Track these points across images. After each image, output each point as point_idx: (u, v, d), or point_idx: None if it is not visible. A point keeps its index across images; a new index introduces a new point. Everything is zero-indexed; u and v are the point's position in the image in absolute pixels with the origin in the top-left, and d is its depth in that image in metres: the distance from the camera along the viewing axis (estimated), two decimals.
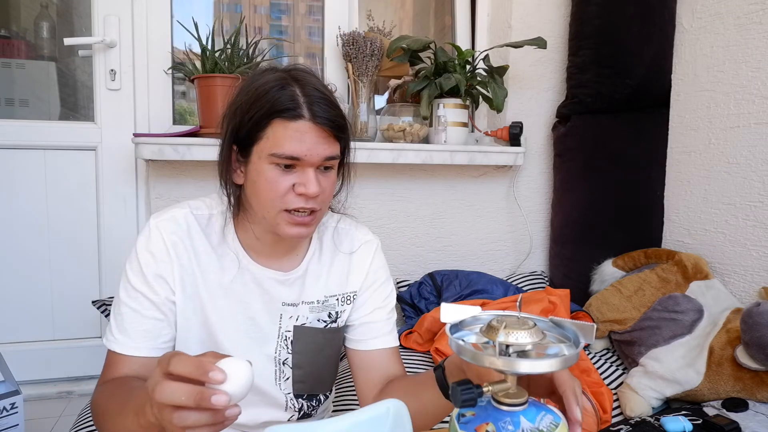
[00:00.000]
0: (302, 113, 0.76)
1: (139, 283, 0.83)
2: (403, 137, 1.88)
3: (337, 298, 0.93)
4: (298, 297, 0.90)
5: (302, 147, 0.76)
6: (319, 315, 0.91)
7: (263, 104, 0.77)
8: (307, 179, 0.78)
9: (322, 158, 0.78)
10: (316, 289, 0.91)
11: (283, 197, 0.78)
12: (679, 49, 1.82)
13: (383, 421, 0.80)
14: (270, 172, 0.78)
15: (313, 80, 0.80)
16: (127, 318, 0.82)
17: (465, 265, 2.05)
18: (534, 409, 0.56)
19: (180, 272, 0.84)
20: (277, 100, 0.76)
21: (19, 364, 1.66)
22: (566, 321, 0.59)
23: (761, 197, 1.54)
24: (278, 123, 0.76)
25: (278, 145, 0.76)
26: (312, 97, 0.77)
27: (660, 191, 1.89)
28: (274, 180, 0.78)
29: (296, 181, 0.78)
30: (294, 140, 0.76)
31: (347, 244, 0.95)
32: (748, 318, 1.26)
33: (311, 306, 0.91)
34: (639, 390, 1.40)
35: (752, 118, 1.57)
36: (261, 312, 0.88)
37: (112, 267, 1.82)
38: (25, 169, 1.73)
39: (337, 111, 0.80)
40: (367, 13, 2.10)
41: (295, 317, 0.90)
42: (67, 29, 1.87)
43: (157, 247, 0.83)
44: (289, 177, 0.78)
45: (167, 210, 0.87)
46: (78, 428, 1.21)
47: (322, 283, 0.92)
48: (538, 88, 2.06)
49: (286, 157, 0.76)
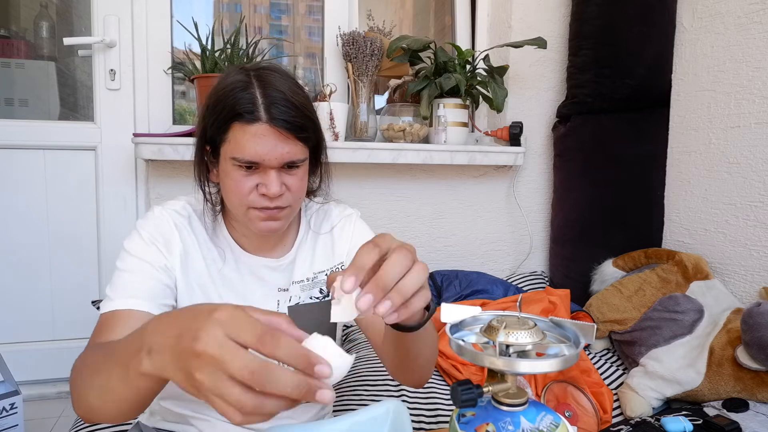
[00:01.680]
0: (260, 116, 0.76)
1: (140, 250, 0.82)
2: (403, 137, 1.88)
3: (326, 273, 0.94)
4: (289, 279, 0.92)
5: (260, 150, 0.77)
6: (311, 292, 0.93)
7: (225, 106, 0.78)
8: (268, 180, 0.78)
9: (281, 161, 0.79)
10: (303, 269, 0.93)
11: (247, 197, 0.80)
12: (680, 49, 1.82)
13: (383, 421, 0.80)
14: (234, 173, 0.79)
15: (277, 80, 0.80)
16: (125, 281, 0.80)
17: (465, 265, 2.05)
18: (534, 409, 0.56)
19: (183, 253, 0.84)
20: (237, 102, 0.77)
21: (19, 364, 1.66)
22: (566, 321, 0.59)
23: (762, 197, 1.54)
24: (237, 126, 0.77)
25: (238, 149, 0.77)
26: (271, 98, 0.77)
27: (660, 191, 1.89)
28: (238, 181, 0.79)
29: (259, 181, 0.79)
30: (252, 144, 0.76)
31: (327, 224, 0.97)
32: (749, 318, 1.26)
33: (301, 285, 0.92)
34: (639, 390, 1.40)
35: (753, 117, 1.56)
36: (260, 300, 0.89)
37: (112, 267, 1.79)
38: (24, 169, 1.73)
39: (299, 111, 0.79)
40: (367, 13, 2.10)
41: (287, 299, 0.91)
42: (66, 29, 1.87)
43: (162, 223, 0.84)
44: (252, 178, 0.79)
45: (166, 202, 0.89)
46: (78, 428, 1.21)
47: (308, 262, 0.94)
48: (538, 88, 2.06)
49: (245, 161, 0.77)
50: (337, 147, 1.77)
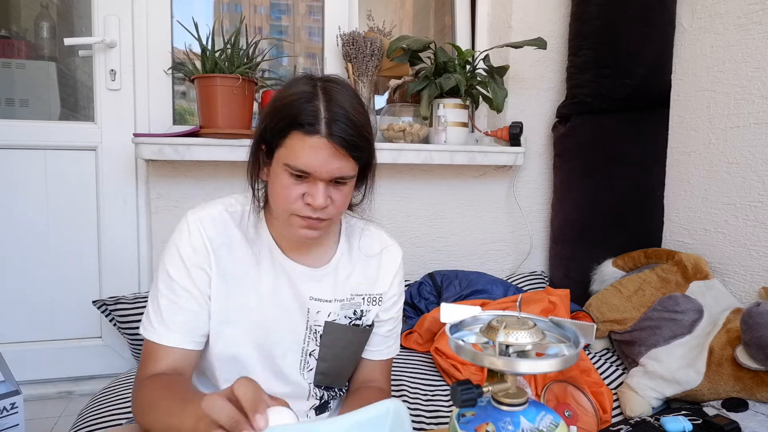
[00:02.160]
0: (319, 129, 0.78)
1: (180, 276, 0.87)
2: (403, 137, 1.88)
3: (363, 298, 0.97)
4: (330, 294, 0.94)
5: (314, 162, 0.79)
6: (347, 312, 0.96)
7: (287, 114, 0.80)
8: (316, 192, 0.81)
9: (332, 176, 0.81)
10: (345, 287, 0.95)
11: (293, 203, 0.82)
12: (679, 49, 1.82)
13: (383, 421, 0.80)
14: (284, 178, 0.81)
15: (341, 96, 0.82)
16: (165, 309, 0.86)
17: (465, 265, 2.05)
18: (534, 409, 0.56)
19: (217, 264, 0.88)
20: (301, 112, 0.79)
21: (19, 364, 1.66)
22: (566, 321, 0.60)
23: (761, 197, 1.54)
24: (296, 135, 0.79)
25: (293, 157, 0.79)
26: (334, 113, 0.79)
27: (660, 191, 1.89)
28: (286, 186, 0.81)
29: (306, 191, 0.81)
30: (307, 155, 0.79)
31: (376, 247, 0.99)
32: (748, 318, 1.26)
33: (342, 303, 0.95)
34: (639, 390, 1.40)
35: (752, 118, 1.57)
36: (291, 303, 0.92)
37: (112, 267, 1.82)
38: (25, 169, 1.73)
39: (357, 130, 0.81)
40: (367, 13, 2.11)
41: (325, 313, 0.94)
42: (67, 29, 1.87)
43: (198, 241, 0.87)
44: (300, 186, 0.81)
45: (203, 207, 0.91)
46: (78, 428, 1.21)
47: (351, 281, 0.96)
48: (538, 88, 2.06)
49: (298, 169, 0.80)
50: None
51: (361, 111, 0.83)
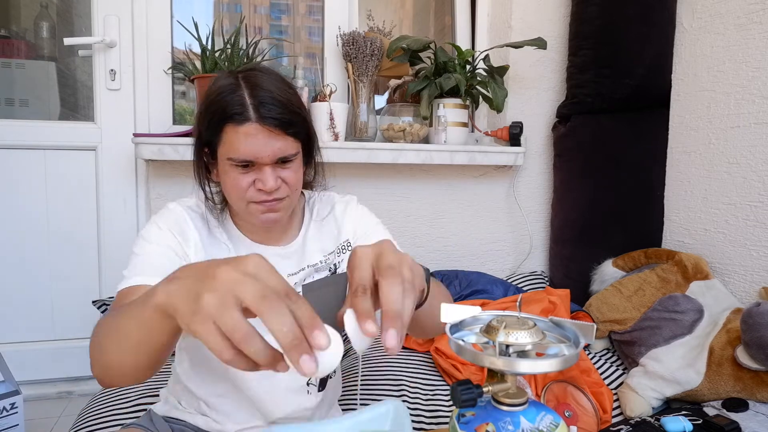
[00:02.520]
0: (249, 116, 0.80)
1: (156, 236, 0.86)
2: (403, 137, 1.88)
3: (335, 253, 0.99)
4: (300, 264, 0.95)
5: (253, 149, 0.81)
6: (322, 274, 0.97)
7: (216, 110, 0.83)
8: (264, 176, 0.83)
9: (274, 156, 0.83)
10: (315, 254, 0.97)
11: (246, 193, 0.85)
12: (679, 49, 1.82)
13: (383, 421, 0.80)
14: (231, 172, 0.84)
15: (264, 80, 0.84)
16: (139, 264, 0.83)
17: (465, 265, 2.05)
18: (534, 409, 0.56)
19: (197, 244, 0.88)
20: (227, 105, 0.81)
21: (19, 364, 1.66)
22: (566, 321, 0.59)
23: (761, 197, 1.54)
24: (230, 128, 0.82)
25: (232, 150, 0.82)
26: (259, 98, 0.81)
27: (660, 191, 1.89)
28: (236, 179, 0.84)
29: (255, 177, 0.84)
30: (244, 143, 0.81)
31: (327, 206, 1.02)
32: (749, 318, 1.26)
33: (315, 267, 0.96)
34: (639, 390, 1.40)
35: (752, 118, 1.57)
36: None
37: (112, 267, 1.82)
38: (25, 169, 1.73)
39: (286, 108, 0.83)
40: (367, 13, 2.10)
41: (300, 281, 0.95)
42: (67, 29, 1.87)
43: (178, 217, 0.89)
44: (248, 175, 0.84)
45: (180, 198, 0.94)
46: (77, 428, 1.21)
47: (318, 246, 0.98)
48: (538, 88, 2.06)
49: (241, 160, 0.82)
50: (337, 147, 1.77)
51: (287, 90, 0.85)
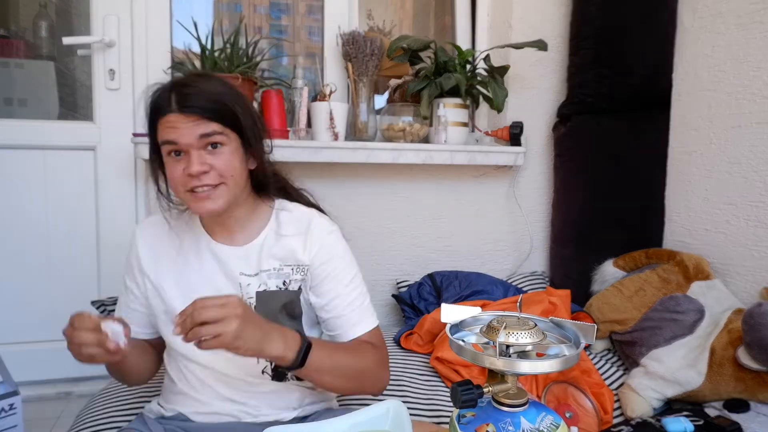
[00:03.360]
0: (172, 108, 0.90)
1: (130, 282, 1.06)
2: (403, 137, 1.88)
3: (292, 267, 1.02)
4: (256, 267, 1.01)
5: (174, 133, 0.90)
6: (277, 282, 1.01)
7: (150, 111, 0.94)
8: (189, 161, 0.90)
9: (195, 137, 0.90)
10: (271, 260, 1.01)
11: (180, 180, 0.92)
12: (680, 48, 1.82)
13: (383, 421, 0.80)
14: (168, 162, 0.93)
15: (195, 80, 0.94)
16: (122, 309, 1.07)
17: (465, 265, 2.04)
18: (534, 409, 0.56)
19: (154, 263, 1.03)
20: (156, 103, 0.92)
21: (18, 364, 1.65)
22: (567, 321, 0.59)
23: (762, 197, 1.54)
24: (160, 121, 0.92)
25: (161, 136, 0.92)
26: (182, 92, 0.90)
27: (661, 191, 1.88)
28: (171, 168, 0.93)
29: (184, 165, 0.91)
30: (168, 129, 0.90)
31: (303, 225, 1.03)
32: (750, 318, 1.26)
33: (269, 273, 1.01)
34: (640, 390, 1.39)
35: (754, 117, 1.56)
36: (223, 283, 1.01)
37: (111, 267, 1.81)
38: (24, 169, 1.73)
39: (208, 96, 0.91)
40: (367, 13, 2.10)
41: (255, 285, 1.00)
42: (66, 28, 1.87)
43: (137, 247, 1.05)
44: (180, 163, 0.92)
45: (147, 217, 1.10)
46: (77, 429, 1.20)
47: (279, 254, 1.02)
48: (538, 88, 2.06)
49: (166, 142, 0.91)
50: (336, 147, 1.76)
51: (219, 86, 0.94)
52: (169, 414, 1.04)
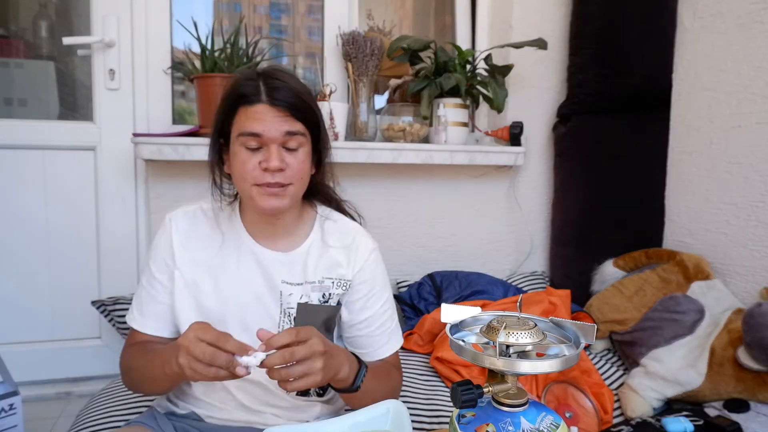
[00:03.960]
0: (261, 98, 0.88)
1: (157, 272, 0.98)
2: (403, 137, 1.88)
3: (333, 281, 1.00)
4: (301, 277, 0.98)
5: (261, 125, 0.87)
6: (317, 294, 1.00)
7: (232, 96, 0.91)
8: (269, 155, 0.88)
9: (281, 133, 0.88)
10: (316, 271, 0.99)
11: (252, 172, 0.89)
12: (680, 48, 1.82)
13: (383, 421, 0.80)
14: (241, 153, 0.89)
15: (282, 75, 0.91)
16: (144, 301, 0.99)
17: (465, 265, 2.04)
18: (534, 410, 0.56)
19: (189, 256, 0.97)
20: (243, 90, 0.89)
21: (18, 364, 1.65)
22: (567, 321, 0.59)
23: (763, 197, 1.54)
24: (243, 109, 0.89)
25: (242, 126, 0.88)
26: (271, 85, 0.88)
27: (661, 191, 1.88)
28: (244, 159, 0.89)
29: (262, 158, 0.89)
30: (254, 120, 0.87)
31: (348, 237, 1.03)
32: (750, 319, 1.26)
33: (312, 285, 0.99)
34: (640, 390, 1.39)
35: (754, 117, 1.56)
36: (262, 288, 0.97)
37: (111, 267, 1.81)
38: (23, 169, 1.73)
39: (297, 97, 0.90)
40: (367, 13, 2.10)
41: (297, 295, 0.98)
42: (66, 28, 1.86)
43: (170, 237, 0.98)
44: (256, 156, 0.89)
45: (179, 207, 1.03)
46: (76, 429, 1.20)
47: (322, 265, 1.00)
48: (538, 88, 2.06)
49: (249, 134, 0.88)
50: (336, 147, 1.75)
51: (301, 85, 0.93)
52: (182, 412, 1.03)
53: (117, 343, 1.82)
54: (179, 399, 1.04)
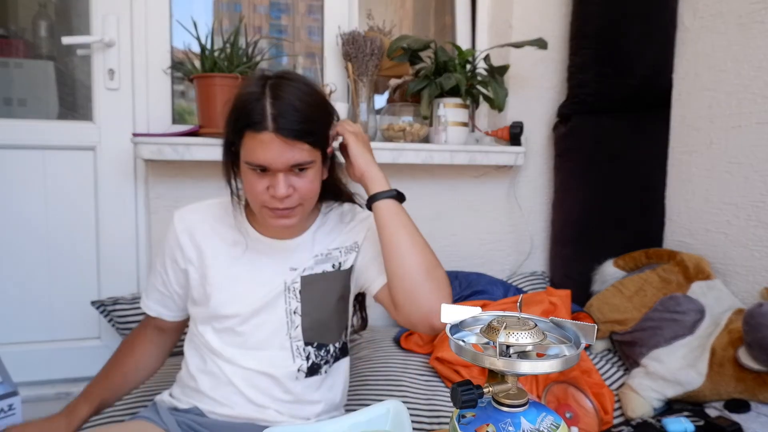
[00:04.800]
0: (267, 125, 0.85)
1: (159, 264, 1.08)
2: (403, 137, 1.88)
3: (341, 250, 1.05)
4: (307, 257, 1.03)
5: (267, 156, 0.86)
6: (324, 267, 1.03)
7: (239, 116, 0.89)
8: (276, 183, 0.88)
9: (287, 165, 0.88)
10: (320, 246, 1.04)
11: (260, 196, 0.90)
12: (681, 48, 1.82)
13: (383, 421, 0.80)
14: (249, 175, 0.91)
15: (289, 89, 0.88)
16: (150, 287, 1.12)
17: (465, 265, 2.04)
18: (534, 410, 0.56)
19: (197, 252, 1.02)
20: (249, 112, 0.87)
21: (18, 364, 1.64)
22: (567, 321, 0.59)
23: (763, 197, 1.53)
24: (249, 134, 0.87)
25: (249, 155, 0.88)
26: (280, 109, 0.86)
27: (661, 191, 1.88)
28: (252, 182, 0.90)
29: (269, 183, 0.89)
30: (260, 150, 0.86)
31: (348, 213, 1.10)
32: (751, 319, 1.26)
33: (316, 258, 1.03)
34: (640, 391, 1.39)
35: (754, 117, 1.56)
36: (271, 276, 1.01)
37: (111, 267, 1.81)
38: (23, 169, 1.73)
39: (305, 118, 0.88)
40: (367, 13, 2.10)
41: (300, 269, 1.02)
42: (65, 28, 1.86)
43: (177, 234, 1.03)
44: (263, 180, 0.90)
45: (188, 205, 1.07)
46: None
47: (326, 239, 1.05)
48: (538, 88, 2.06)
49: (255, 165, 0.88)
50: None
51: (309, 100, 0.90)
52: (184, 407, 1.04)
53: (116, 344, 1.81)
54: (182, 394, 1.06)
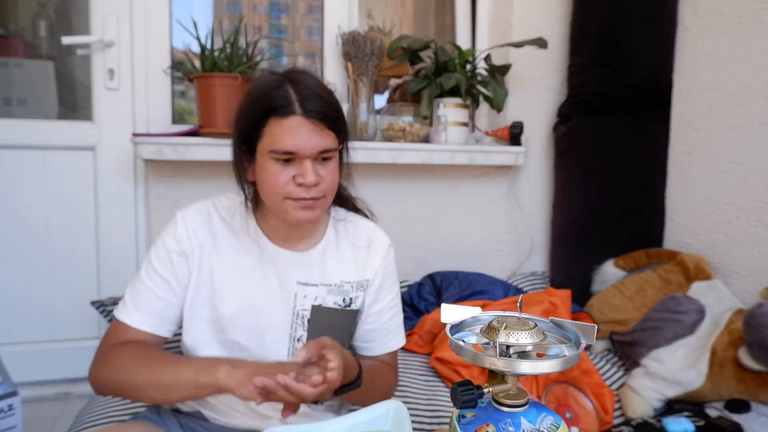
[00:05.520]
0: (294, 109, 0.82)
1: (161, 266, 0.92)
2: (403, 137, 1.87)
3: (352, 285, 0.99)
4: (317, 278, 0.96)
5: (296, 141, 0.83)
6: (335, 298, 0.97)
7: (260, 105, 0.84)
8: (305, 170, 0.84)
9: (316, 150, 0.84)
10: (334, 273, 0.98)
11: (285, 188, 0.85)
12: (681, 48, 1.81)
13: (383, 421, 0.80)
14: (272, 167, 0.85)
15: (308, 79, 0.87)
16: (143, 295, 0.92)
17: (465, 265, 2.04)
18: (534, 410, 0.56)
19: (199, 254, 0.93)
20: (272, 99, 0.83)
21: (17, 365, 1.64)
22: (567, 322, 0.59)
23: (764, 197, 1.53)
24: (274, 121, 0.83)
25: (275, 142, 0.83)
26: (304, 93, 0.83)
27: (661, 191, 1.88)
28: (275, 174, 0.85)
29: (296, 172, 0.85)
30: (288, 136, 0.83)
31: (364, 237, 1.02)
32: (751, 319, 1.25)
33: (329, 288, 0.97)
34: (640, 391, 1.39)
35: (755, 117, 1.56)
36: (276, 289, 0.95)
37: (110, 267, 1.81)
38: (23, 169, 1.73)
39: (330, 105, 0.86)
40: (367, 13, 2.10)
41: (312, 297, 0.96)
42: (65, 28, 1.86)
43: (182, 233, 0.93)
44: (289, 169, 0.85)
45: (191, 204, 0.97)
46: (76, 429, 1.20)
47: (339, 268, 0.98)
48: (539, 88, 2.06)
49: (283, 152, 0.83)
50: None
51: (328, 91, 0.88)
52: (187, 410, 1.01)
53: None
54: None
